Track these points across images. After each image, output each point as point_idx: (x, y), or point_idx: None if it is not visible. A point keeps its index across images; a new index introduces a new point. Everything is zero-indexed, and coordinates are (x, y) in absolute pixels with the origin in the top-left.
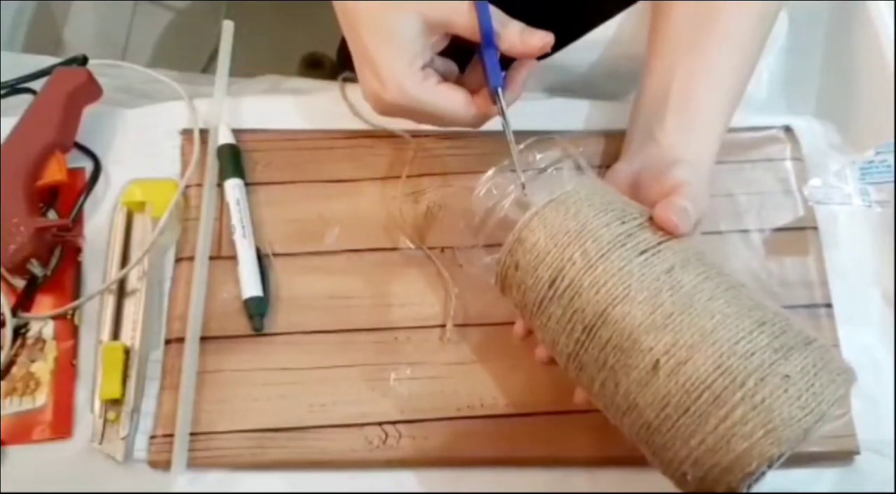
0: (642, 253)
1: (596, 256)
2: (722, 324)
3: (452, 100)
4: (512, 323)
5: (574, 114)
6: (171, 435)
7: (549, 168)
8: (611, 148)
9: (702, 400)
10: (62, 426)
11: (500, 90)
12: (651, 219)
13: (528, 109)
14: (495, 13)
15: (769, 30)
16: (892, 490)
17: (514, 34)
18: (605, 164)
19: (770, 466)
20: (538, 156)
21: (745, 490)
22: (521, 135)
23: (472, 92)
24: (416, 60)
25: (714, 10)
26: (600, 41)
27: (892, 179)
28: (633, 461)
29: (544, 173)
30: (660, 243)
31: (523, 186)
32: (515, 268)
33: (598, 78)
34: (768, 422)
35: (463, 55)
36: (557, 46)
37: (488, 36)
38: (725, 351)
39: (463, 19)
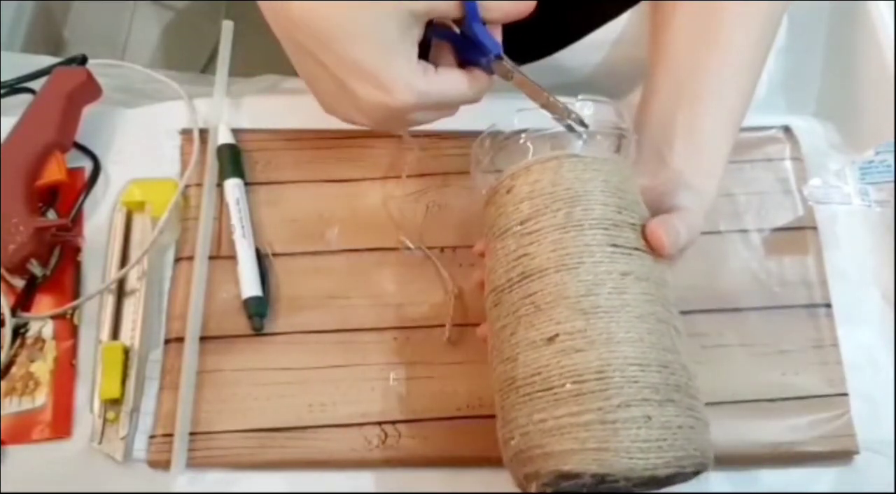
0: (614, 245)
1: (575, 222)
2: (631, 342)
3: (456, 81)
4: None
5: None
6: (171, 435)
7: (596, 133)
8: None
9: (566, 388)
10: (62, 426)
11: (504, 56)
12: (644, 226)
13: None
14: None
15: (771, 40)
16: (892, 491)
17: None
18: None
19: (583, 482)
20: (587, 113)
21: (539, 487)
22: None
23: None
24: (412, 56)
25: (714, 21)
26: (602, 42)
27: (892, 179)
28: None
29: (589, 132)
30: (635, 249)
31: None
32: (507, 191)
33: (599, 78)
34: (605, 442)
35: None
36: (559, 47)
37: (474, 10)
38: (616, 364)
39: (446, 2)
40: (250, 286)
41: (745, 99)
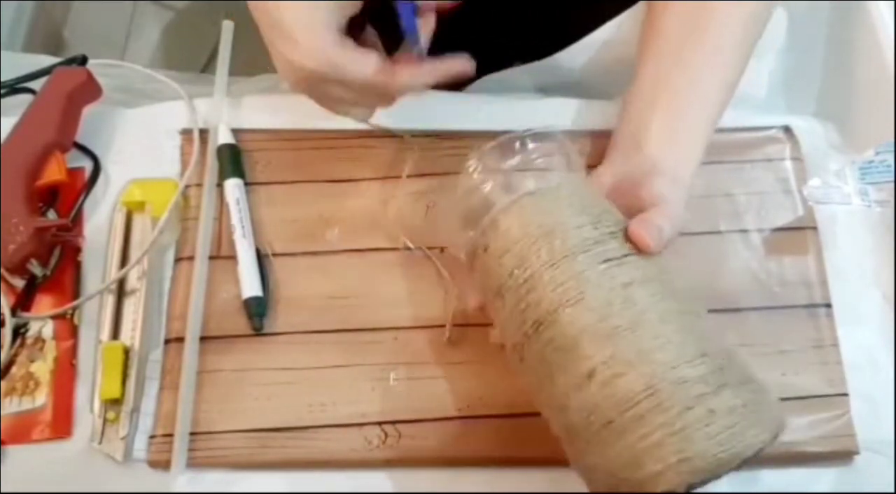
0: (605, 261)
1: (560, 255)
2: (663, 348)
3: (367, 61)
4: None
5: (571, 114)
6: (171, 435)
7: (539, 159)
8: (606, 148)
9: (626, 416)
10: (62, 426)
11: (419, 42)
12: (625, 230)
13: (525, 109)
14: None
15: (755, 40)
16: (892, 491)
17: None
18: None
19: (684, 489)
20: (531, 146)
21: None
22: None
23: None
24: (332, 26)
25: (702, 21)
26: (602, 42)
27: (892, 179)
28: None
29: (534, 164)
30: (625, 255)
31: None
32: (484, 250)
33: (598, 78)
34: (683, 451)
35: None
36: (557, 47)
37: None
38: (659, 374)
39: None
40: (250, 286)
41: (727, 94)
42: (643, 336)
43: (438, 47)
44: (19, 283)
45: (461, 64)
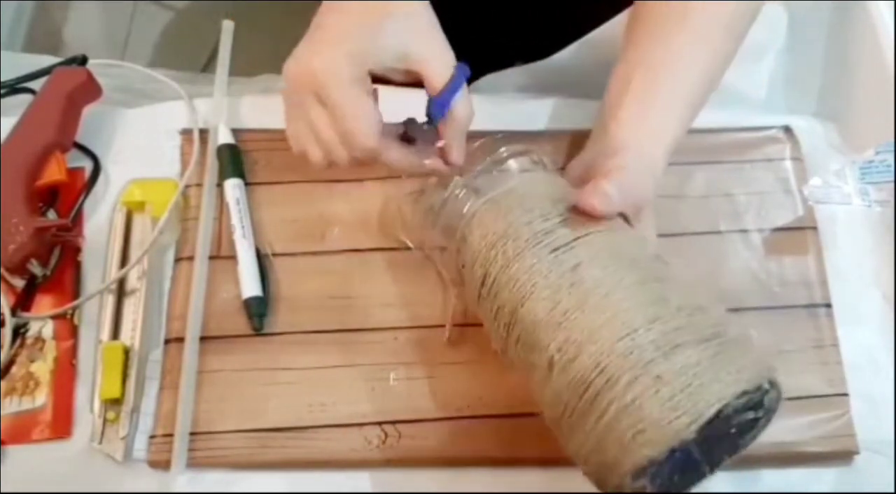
0: (554, 250)
1: (513, 255)
2: (610, 321)
3: (372, 116)
4: None
5: (570, 114)
6: (171, 435)
7: (500, 163)
8: None
9: (583, 399)
10: (62, 426)
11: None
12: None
13: (525, 109)
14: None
15: (744, 29)
16: (892, 491)
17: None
18: None
19: (658, 470)
20: (502, 150)
21: (640, 488)
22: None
23: None
24: (367, 57)
25: (687, 9)
26: (599, 42)
27: (892, 179)
28: None
29: (498, 168)
30: (576, 239)
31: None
32: (462, 266)
33: (595, 79)
34: (638, 423)
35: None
36: (557, 47)
37: (447, 101)
38: (606, 349)
39: (437, 67)
40: (250, 286)
41: (708, 76)
42: (591, 313)
43: None
44: (19, 283)
45: (444, 163)
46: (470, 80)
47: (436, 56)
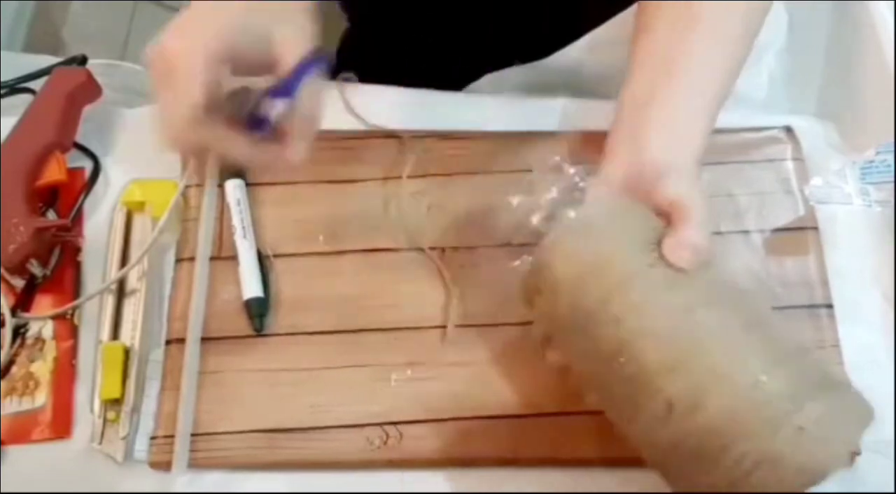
0: (656, 288)
1: (611, 290)
2: (734, 366)
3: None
4: (512, 324)
5: (571, 114)
6: (172, 436)
7: (574, 185)
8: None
9: (714, 445)
10: (62, 426)
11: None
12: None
13: (525, 109)
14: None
15: (758, 26)
16: (893, 491)
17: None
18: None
19: None
20: (571, 170)
21: None
22: (519, 135)
23: None
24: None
25: (698, 8)
26: (599, 42)
27: (892, 179)
28: (634, 462)
29: (575, 190)
30: (676, 278)
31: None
32: (538, 292)
33: (595, 79)
34: (779, 470)
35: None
36: (557, 47)
37: (297, 80)
38: (740, 396)
39: (293, 49)
40: (251, 287)
41: (728, 76)
42: (713, 358)
43: (438, 47)
44: (19, 283)
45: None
46: (470, 80)
47: (297, 40)
